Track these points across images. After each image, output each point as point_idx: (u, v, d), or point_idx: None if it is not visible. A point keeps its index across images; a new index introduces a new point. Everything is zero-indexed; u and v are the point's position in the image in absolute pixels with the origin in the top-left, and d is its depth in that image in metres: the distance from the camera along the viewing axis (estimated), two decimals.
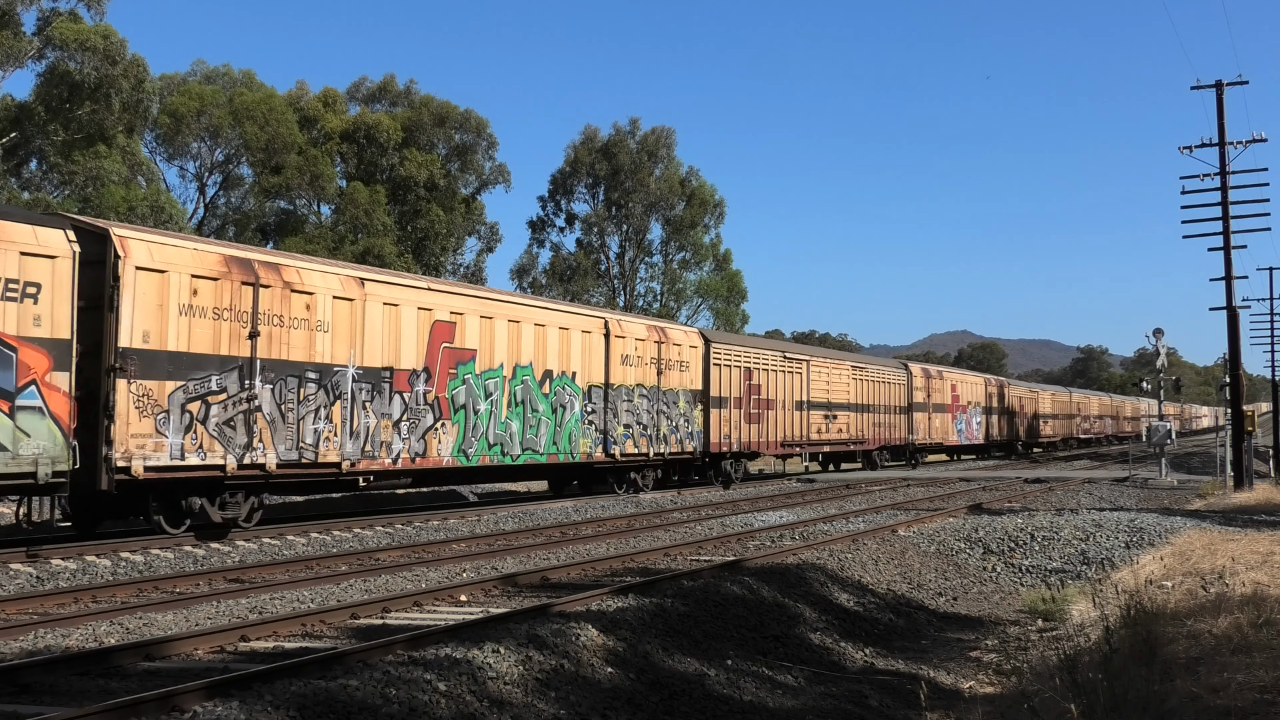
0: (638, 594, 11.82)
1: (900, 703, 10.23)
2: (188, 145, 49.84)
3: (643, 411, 27.94)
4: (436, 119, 53.79)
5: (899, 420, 46.14)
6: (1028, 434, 66.45)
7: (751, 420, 33.36)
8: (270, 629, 10.29)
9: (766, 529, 19.75)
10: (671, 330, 30.39)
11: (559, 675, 9.05)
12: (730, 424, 32.07)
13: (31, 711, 7.47)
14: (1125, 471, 40.70)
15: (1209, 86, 33.07)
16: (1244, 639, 8.73)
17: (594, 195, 65.44)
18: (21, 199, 37.79)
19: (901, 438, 46.48)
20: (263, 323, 17.72)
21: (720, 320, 65.61)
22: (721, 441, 31.45)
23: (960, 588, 16.42)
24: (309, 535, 18.76)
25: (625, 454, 27.29)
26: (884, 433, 44.53)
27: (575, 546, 17.62)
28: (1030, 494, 30.19)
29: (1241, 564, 13.84)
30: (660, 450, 28.76)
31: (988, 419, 58.10)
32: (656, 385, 28.59)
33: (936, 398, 50.44)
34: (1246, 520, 21.90)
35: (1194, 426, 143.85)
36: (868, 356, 53.71)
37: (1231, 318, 33.85)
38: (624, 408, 27.16)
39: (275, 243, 50.17)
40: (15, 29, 37.63)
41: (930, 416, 49.62)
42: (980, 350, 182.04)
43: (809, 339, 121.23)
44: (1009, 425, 62.35)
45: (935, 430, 50.33)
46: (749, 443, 33.14)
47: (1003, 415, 61.07)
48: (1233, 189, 32.90)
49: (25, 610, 11.77)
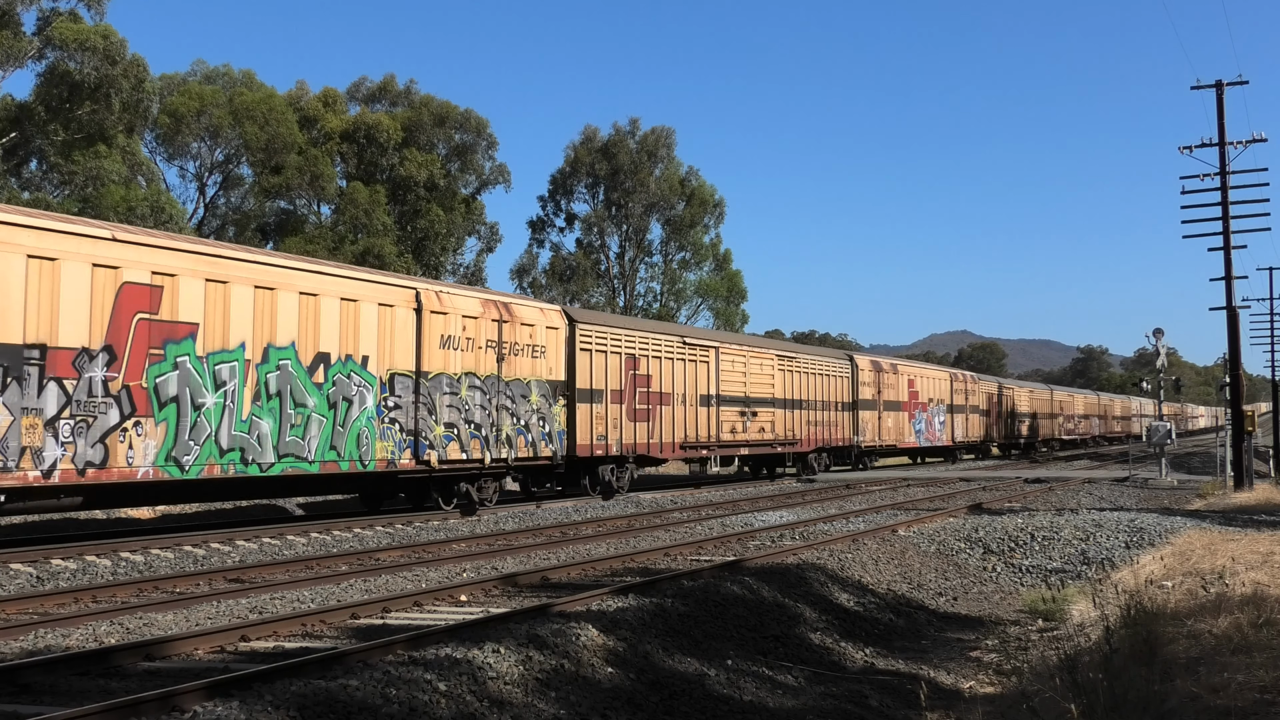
0: (638, 594, 11.82)
1: (900, 703, 10.23)
2: (188, 145, 49.84)
3: (475, 407, 22.39)
4: (436, 119, 53.79)
5: (841, 419, 40.89)
6: (1003, 435, 61.68)
7: (638, 418, 28.09)
8: (270, 629, 10.29)
9: (766, 529, 19.75)
10: (519, 306, 24.60)
11: (559, 675, 9.05)
12: (607, 422, 26.74)
13: (31, 711, 7.47)
14: (1125, 471, 40.70)
15: (1209, 86, 33.08)
16: (1244, 639, 8.73)
17: (594, 195, 65.46)
18: (21, 199, 37.79)
19: (844, 438, 41.10)
20: None
21: (720, 320, 65.63)
22: (595, 443, 26.27)
23: (960, 588, 16.42)
24: (309, 535, 18.77)
25: (447, 460, 21.64)
26: (822, 433, 39.12)
27: (575, 546, 17.63)
28: (1030, 494, 30.19)
29: (1241, 564, 13.84)
30: (501, 455, 23.11)
31: (953, 418, 52.77)
32: (496, 374, 23.04)
33: (889, 394, 45.20)
34: (1246, 520, 21.90)
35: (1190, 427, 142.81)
36: (803, 346, 47.23)
37: (1231, 318, 33.85)
38: (445, 402, 21.60)
39: (275, 243, 50.19)
40: (15, 29, 37.63)
41: (881, 415, 44.36)
42: (980, 350, 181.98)
43: (809, 339, 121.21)
44: (981, 425, 57.25)
45: (888, 430, 44.97)
46: (634, 444, 27.87)
47: (972, 414, 55.89)
48: (1233, 189, 32.91)
49: (25, 610, 11.77)
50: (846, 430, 41.46)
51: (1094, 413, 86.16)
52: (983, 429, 57.78)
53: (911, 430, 47.51)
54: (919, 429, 48.44)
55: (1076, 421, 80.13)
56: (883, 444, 44.61)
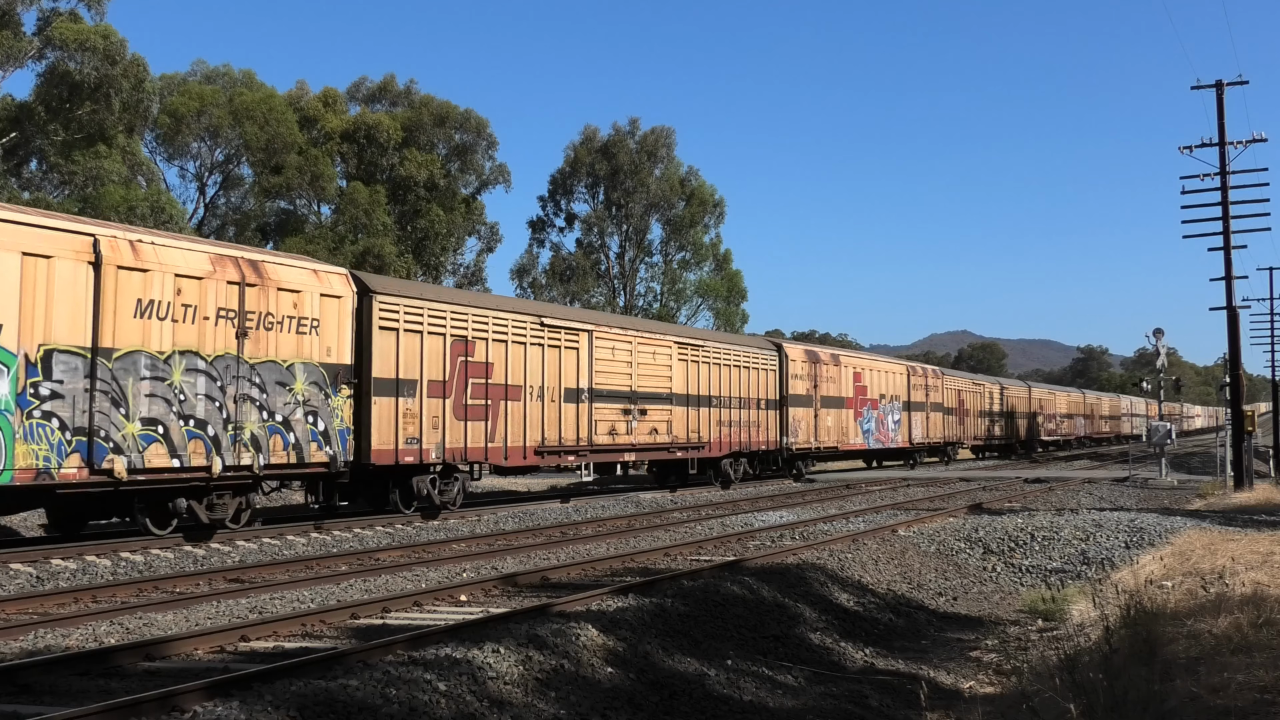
0: (638, 594, 11.82)
1: (900, 703, 10.23)
2: (188, 145, 49.85)
3: (197, 397, 17.02)
4: (436, 119, 53.79)
5: (765, 418, 34.92)
6: (974, 435, 56.15)
7: (471, 415, 22.53)
8: (270, 629, 10.29)
9: (766, 529, 19.75)
10: (276, 266, 18.87)
11: (559, 675, 9.05)
12: (423, 421, 21.27)
13: (31, 711, 7.47)
14: (1125, 471, 40.71)
15: (1209, 86, 33.09)
16: (1244, 639, 8.73)
17: (594, 195, 65.45)
18: (21, 199, 37.79)
19: (768, 441, 35.12)
20: None
21: (720, 320, 65.64)
22: (403, 447, 20.75)
23: (960, 588, 16.42)
24: (309, 535, 18.77)
25: (145, 469, 16.29)
26: (738, 434, 33.18)
27: (575, 546, 17.63)
28: (1030, 494, 30.20)
29: (1241, 564, 13.85)
30: (244, 461, 17.70)
31: (911, 417, 46.86)
32: (236, 354, 17.67)
33: (829, 389, 39.18)
34: (1246, 520, 21.90)
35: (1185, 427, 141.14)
36: (717, 334, 41.02)
37: (1231, 318, 33.86)
38: (145, 390, 16.25)
39: (275, 243, 50.20)
40: (15, 29, 37.64)
41: (819, 413, 38.32)
42: (980, 350, 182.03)
43: (809, 339, 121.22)
44: (946, 425, 51.42)
45: (827, 430, 38.88)
46: (464, 449, 22.29)
47: (935, 413, 50.04)
48: (1233, 189, 32.93)
49: (25, 610, 11.77)
50: (771, 431, 35.32)
51: (1079, 412, 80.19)
52: (948, 429, 51.83)
53: (858, 430, 41.37)
54: (868, 429, 42.38)
55: (1059, 421, 74.18)
56: (820, 446, 38.33)
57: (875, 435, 43.23)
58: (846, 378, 40.91)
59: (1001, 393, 60.96)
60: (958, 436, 53.60)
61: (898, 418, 45.74)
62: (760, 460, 35.85)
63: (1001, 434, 60.54)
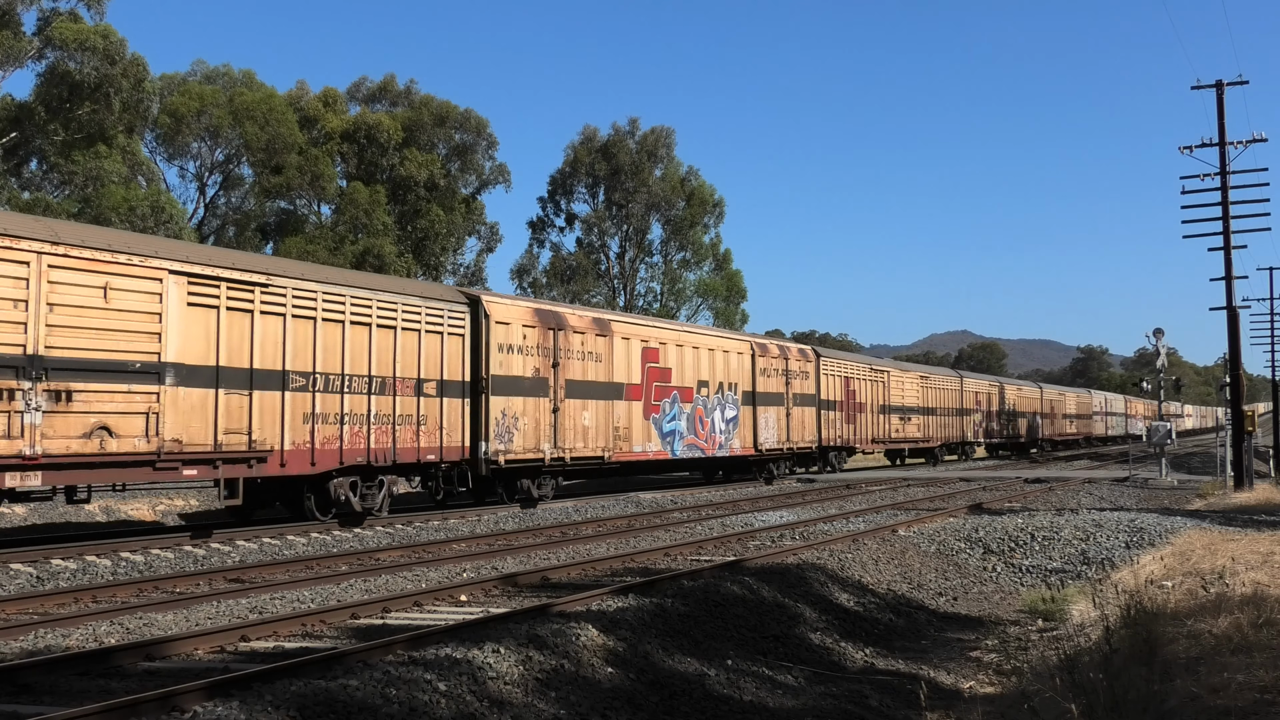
0: (638, 594, 11.82)
1: (900, 703, 10.23)
2: (188, 145, 49.87)
3: None
4: (436, 119, 53.82)
5: (437, 413, 21.84)
6: (875, 436, 44.25)
7: None
8: (270, 629, 10.29)
9: (766, 529, 19.75)
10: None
11: (559, 675, 9.05)
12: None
13: (31, 711, 7.47)
14: (1125, 471, 40.71)
15: (1209, 86, 33.09)
16: (1244, 639, 8.73)
17: (594, 195, 65.48)
18: (21, 199, 37.80)
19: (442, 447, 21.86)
20: None
21: (720, 320, 65.65)
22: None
23: (960, 588, 16.42)
24: (309, 535, 18.77)
25: None
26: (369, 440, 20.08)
27: (575, 546, 17.63)
28: (1030, 494, 30.20)
29: (1241, 564, 13.85)
30: None
31: (756, 414, 34.63)
32: None
33: (590, 371, 26.47)
34: (1246, 520, 21.90)
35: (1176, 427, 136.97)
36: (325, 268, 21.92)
37: (1231, 318, 33.86)
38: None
39: (275, 243, 50.22)
40: (15, 29, 37.66)
41: (564, 407, 25.33)
42: (980, 350, 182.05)
43: (809, 339, 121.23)
44: (822, 423, 39.08)
45: (582, 432, 26.12)
46: None
47: (803, 408, 37.78)
48: (1233, 189, 32.92)
49: (25, 610, 11.77)
50: (453, 433, 22.20)
51: (1035, 409, 67.61)
52: (829, 429, 39.67)
53: (652, 431, 28.88)
54: (673, 429, 29.85)
55: (1004, 421, 61.36)
56: (567, 456, 25.39)
57: (690, 439, 30.77)
58: (627, 355, 28.00)
59: (923, 385, 50.55)
60: (844, 440, 41.15)
61: (733, 414, 33.29)
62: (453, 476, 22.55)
63: (920, 433, 49.19)
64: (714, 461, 34.00)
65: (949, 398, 53.48)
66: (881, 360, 51.49)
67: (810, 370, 38.66)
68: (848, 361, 43.41)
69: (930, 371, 54.01)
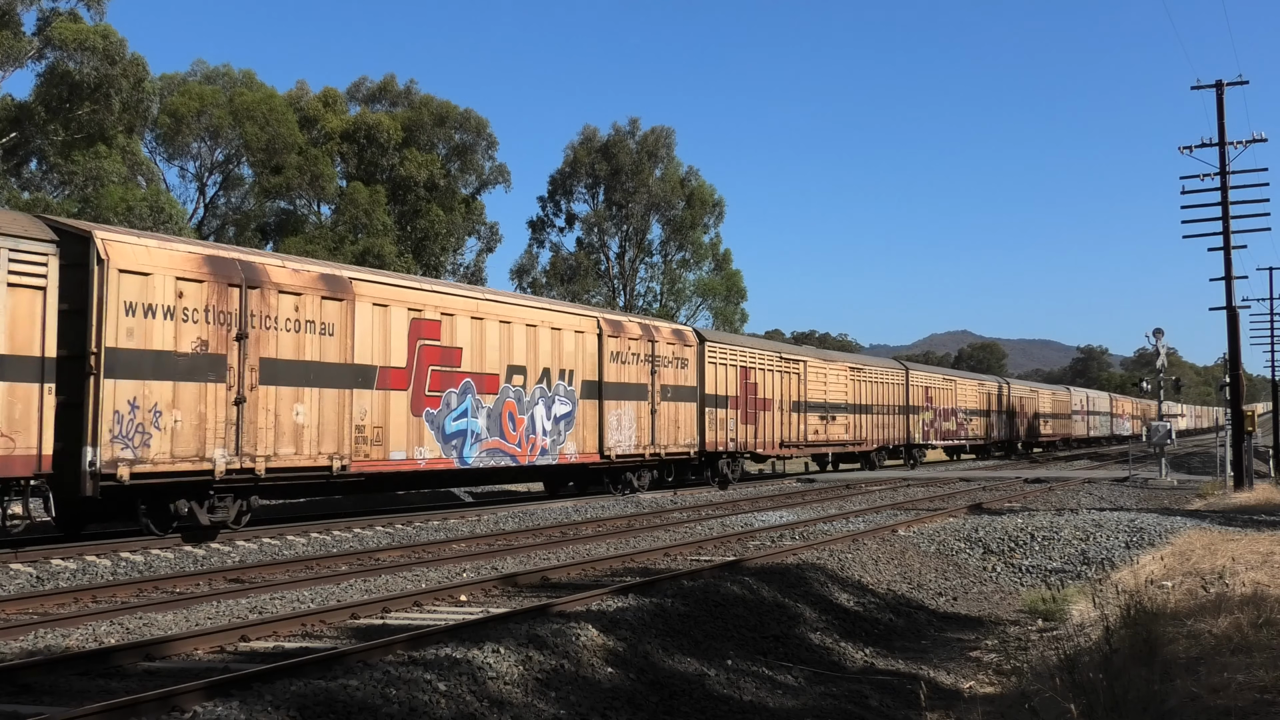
0: (638, 594, 11.82)
1: (900, 703, 10.23)
2: (188, 145, 49.84)
3: None
4: (436, 119, 53.81)
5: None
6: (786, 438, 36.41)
7: None
8: (270, 629, 10.29)
9: (766, 529, 19.76)
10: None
11: (559, 675, 9.05)
12: None
13: (31, 711, 7.47)
14: (1125, 471, 40.72)
15: (1209, 86, 33.11)
16: (1244, 639, 8.73)
17: (594, 195, 65.49)
18: (21, 199, 37.80)
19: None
20: None
21: (720, 320, 65.66)
22: None
23: (960, 588, 16.42)
24: (309, 535, 18.76)
25: None
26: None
27: (575, 546, 17.63)
28: (1030, 494, 30.21)
29: (1241, 564, 13.85)
30: None
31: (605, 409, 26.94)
32: None
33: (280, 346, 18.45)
34: (1246, 520, 21.91)
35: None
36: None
37: (1231, 318, 33.87)
38: None
39: (275, 243, 50.21)
40: (15, 29, 37.64)
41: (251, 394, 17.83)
42: (980, 350, 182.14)
43: (809, 339, 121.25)
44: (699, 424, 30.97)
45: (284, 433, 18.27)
46: None
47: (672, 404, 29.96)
48: (1233, 189, 32.94)
49: (25, 610, 11.77)
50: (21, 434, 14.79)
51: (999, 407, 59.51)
52: (717, 430, 31.91)
53: (427, 433, 21.55)
54: (464, 430, 22.54)
55: (959, 420, 53.51)
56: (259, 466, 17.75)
57: (493, 442, 23.29)
58: (383, 327, 20.65)
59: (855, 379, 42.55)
60: (742, 441, 33.40)
61: (567, 411, 25.77)
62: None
63: (850, 435, 41.83)
64: (535, 472, 26.90)
65: (890, 393, 46.12)
66: (798, 348, 42.80)
67: (690, 357, 31.05)
68: (746, 348, 35.27)
69: (865, 362, 46.44)
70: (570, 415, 25.95)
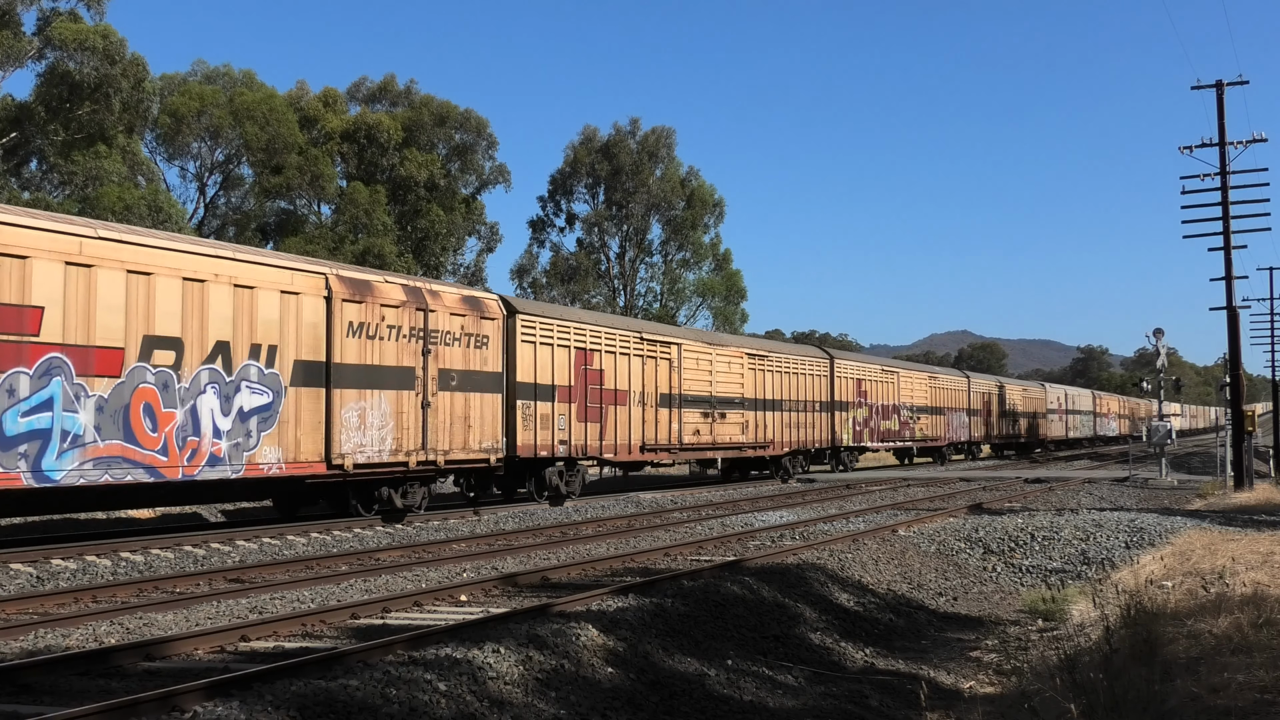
0: (638, 594, 11.82)
1: (900, 703, 10.23)
2: (188, 145, 49.85)
3: None
4: (436, 119, 53.80)
5: None
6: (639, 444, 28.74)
7: None
8: (270, 629, 10.29)
9: (766, 529, 19.76)
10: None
11: (559, 675, 9.05)
12: None
13: (31, 711, 7.47)
14: (1125, 471, 40.72)
15: (1209, 86, 33.09)
16: (1244, 639, 8.73)
17: (594, 195, 65.50)
18: (21, 199, 37.81)
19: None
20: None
21: (720, 320, 65.66)
22: None
23: (960, 588, 16.42)
24: (309, 535, 18.76)
25: None
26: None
27: (575, 546, 17.63)
28: (1030, 494, 30.20)
29: (1242, 564, 13.85)
30: None
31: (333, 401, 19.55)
32: None
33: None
34: (1246, 520, 21.90)
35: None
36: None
37: (1231, 318, 33.86)
38: None
39: (275, 243, 50.19)
40: (15, 29, 37.65)
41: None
42: (980, 350, 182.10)
43: (809, 339, 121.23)
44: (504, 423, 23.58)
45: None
46: None
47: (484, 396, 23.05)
48: (1233, 189, 32.93)
49: (25, 610, 11.77)
50: None
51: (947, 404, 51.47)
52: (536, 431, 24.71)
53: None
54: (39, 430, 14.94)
55: (903, 419, 46.24)
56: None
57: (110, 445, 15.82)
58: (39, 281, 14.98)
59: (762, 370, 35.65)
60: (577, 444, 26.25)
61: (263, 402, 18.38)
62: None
63: (755, 437, 34.90)
64: (203, 490, 18.59)
65: (809, 386, 38.50)
66: (670, 328, 35.89)
67: (492, 333, 23.57)
68: (583, 323, 27.41)
69: (772, 349, 38.13)
70: (270, 409, 18.53)
